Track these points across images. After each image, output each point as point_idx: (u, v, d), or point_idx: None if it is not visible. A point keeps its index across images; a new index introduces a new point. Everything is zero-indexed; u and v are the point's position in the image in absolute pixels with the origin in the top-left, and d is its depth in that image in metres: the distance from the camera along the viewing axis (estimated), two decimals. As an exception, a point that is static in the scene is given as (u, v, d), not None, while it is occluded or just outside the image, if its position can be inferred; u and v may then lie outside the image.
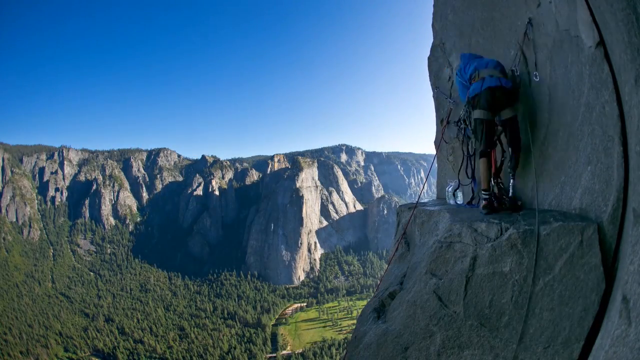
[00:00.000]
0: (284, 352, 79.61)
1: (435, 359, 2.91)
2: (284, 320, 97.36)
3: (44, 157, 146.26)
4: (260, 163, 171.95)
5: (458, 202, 4.89)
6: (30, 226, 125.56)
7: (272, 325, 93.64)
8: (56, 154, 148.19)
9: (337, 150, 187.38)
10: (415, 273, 3.47)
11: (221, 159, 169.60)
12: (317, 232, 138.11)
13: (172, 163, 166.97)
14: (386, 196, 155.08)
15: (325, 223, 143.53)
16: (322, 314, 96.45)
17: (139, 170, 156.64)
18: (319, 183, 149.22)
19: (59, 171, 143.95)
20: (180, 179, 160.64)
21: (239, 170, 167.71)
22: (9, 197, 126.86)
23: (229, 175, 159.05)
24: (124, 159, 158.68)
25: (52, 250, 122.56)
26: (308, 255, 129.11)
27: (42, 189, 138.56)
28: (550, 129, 3.40)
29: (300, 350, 77.87)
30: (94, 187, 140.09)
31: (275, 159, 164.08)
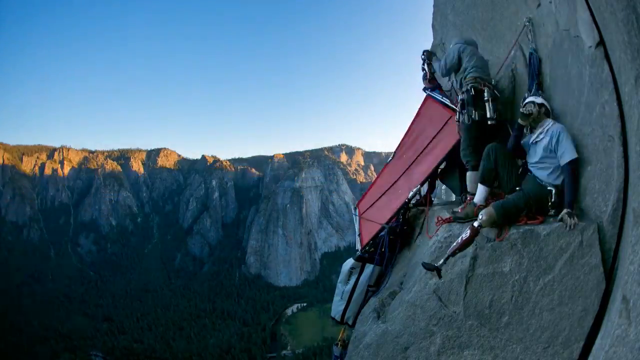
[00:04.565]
0: (284, 352, 79.63)
1: (435, 359, 2.92)
2: (284, 320, 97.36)
3: (44, 157, 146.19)
4: (260, 163, 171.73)
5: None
6: (30, 226, 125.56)
7: (272, 325, 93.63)
8: (56, 153, 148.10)
9: (337, 150, 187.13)
10: (415, 273, 3.47)
11: (221, 159, 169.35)
12: (317, 232, 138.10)
13: (172, 163, 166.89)
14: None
15: (325, 223, 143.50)
16: (322, 314, 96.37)
17: (139, 170, 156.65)
18: (319, 183, 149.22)
19: (59, 171, 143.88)
20: (180, 179, 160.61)
21: (239, 170, 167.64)
22: (9, 197, 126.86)
23: (229, 175, 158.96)
24: (124, 159, 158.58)
25: (52, 250, 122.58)
26: (308, 255, 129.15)
27: (42, 189, 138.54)
28: (550, 129, 3.40)
29: (300, 350, 77.86)
30: (94, 187, 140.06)
31: (275, 159, 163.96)
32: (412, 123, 5.41)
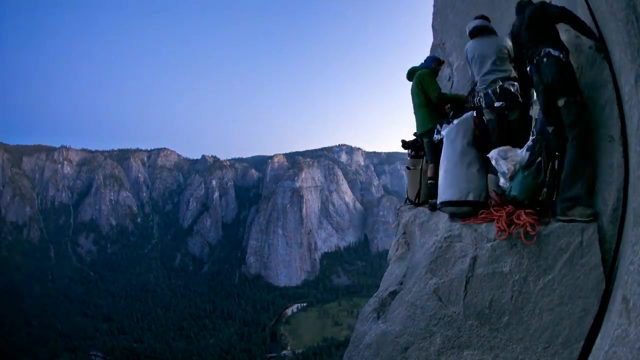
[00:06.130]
0: (284, 352, 79.65)
1: (435, 359, 2.91)
2: (284, 320, 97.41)
3: (44, 157, 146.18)
4: (260, 163, 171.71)
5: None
6: (30, 226, 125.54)
7: (272, 325, 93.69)
8: (56, 154, 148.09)
9: (337, 150, 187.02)
10: (415, 273, 3.47)
11: (221, 159, 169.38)
12: (317, 232, 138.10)
13: (172, 163, 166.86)
14: (386, 196, 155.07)
15: (325, 223, 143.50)
16: (322, 314, 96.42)
17: (139, 170, 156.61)
18: (319, 183, 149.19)
19: (59, 171, 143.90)
20: (180, 179, 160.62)
21: (239, 170, 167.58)
22: (9, 197, 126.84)
23: (229, 175, 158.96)
24: (124, 159, 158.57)
25: (52, 251, 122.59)
26: (308, 255, 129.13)
27: (42, 189, 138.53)
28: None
29: (300, 350, 77.88)
30: (94, 187, 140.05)
31: (275, 159, 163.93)
32: None
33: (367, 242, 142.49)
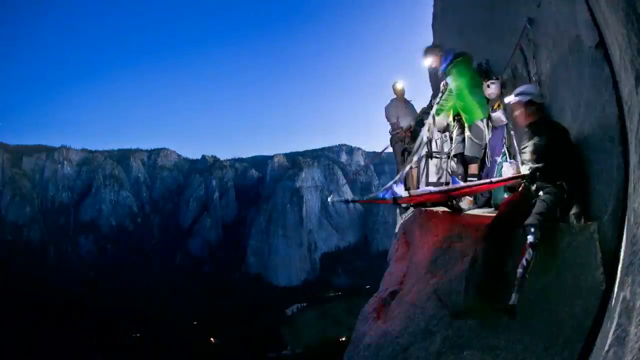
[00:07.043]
0: (284, 352, 79.64)
1: (435, 359, 2.91)
2: (284, 320, 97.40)
3: (44, 157, 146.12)
4: (260, 163, 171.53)
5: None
6: (30, 226, 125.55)
7: (272, 325, 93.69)
8: (56, 154, 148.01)
9: (337, 150, 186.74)
10: (415, 273, 3.47)
11: (221, 159, 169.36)
12: (317, 232, 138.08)
13: (172, 163, 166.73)
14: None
15: (325, 223, 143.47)
16: (322, 314, 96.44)
17: (139, 170, 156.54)
18: (319, 183, 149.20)
19: (59, 171, 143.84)
20: (180, 179, 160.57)
21: (239, 170, 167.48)
22: (9, 197, 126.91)
23: (229, 175, 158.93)
24: (124, 159, 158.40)
25: (52, 251, 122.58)
26: (308, 255, 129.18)
27: (42, 189, 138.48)
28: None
29: (300, 350, 77.87)
30: (94, 187, 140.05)
31: (275, 159, 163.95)
32: None
33: (367, 242, 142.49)
